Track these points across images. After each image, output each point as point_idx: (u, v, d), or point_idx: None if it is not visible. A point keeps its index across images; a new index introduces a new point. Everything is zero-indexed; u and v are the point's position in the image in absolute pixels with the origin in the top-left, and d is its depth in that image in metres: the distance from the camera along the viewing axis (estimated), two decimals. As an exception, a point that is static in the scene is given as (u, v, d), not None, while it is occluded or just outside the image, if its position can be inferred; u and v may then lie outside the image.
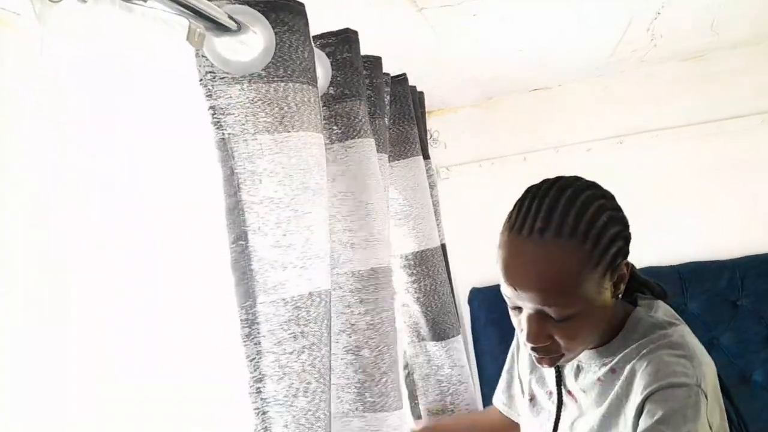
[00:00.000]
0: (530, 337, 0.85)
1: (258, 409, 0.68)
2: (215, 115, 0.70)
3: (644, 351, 0.87)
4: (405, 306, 1.34)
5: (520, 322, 0.87)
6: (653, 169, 2.14)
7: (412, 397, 1.42)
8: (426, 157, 1.50)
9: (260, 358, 0.67)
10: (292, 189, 0.76)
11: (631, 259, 0.94)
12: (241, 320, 0.66)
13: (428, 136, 1.70)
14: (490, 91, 2.23)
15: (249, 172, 0.72)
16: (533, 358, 0.89)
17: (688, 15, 1.49)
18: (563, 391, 1.00)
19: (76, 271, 0.78)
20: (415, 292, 1.28)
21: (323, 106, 0.94)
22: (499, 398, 1.28)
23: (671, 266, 2.05)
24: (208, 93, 0.69)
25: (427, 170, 1.44)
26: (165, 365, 0.88)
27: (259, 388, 0.68)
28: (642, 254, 1.25)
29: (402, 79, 1.38)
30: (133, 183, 0.86)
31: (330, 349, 0.78)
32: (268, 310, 0.71)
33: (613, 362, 0.91)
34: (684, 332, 0.90)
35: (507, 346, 1.56)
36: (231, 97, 0.73)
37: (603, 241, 0.83)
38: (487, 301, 1.97)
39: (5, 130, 0.69)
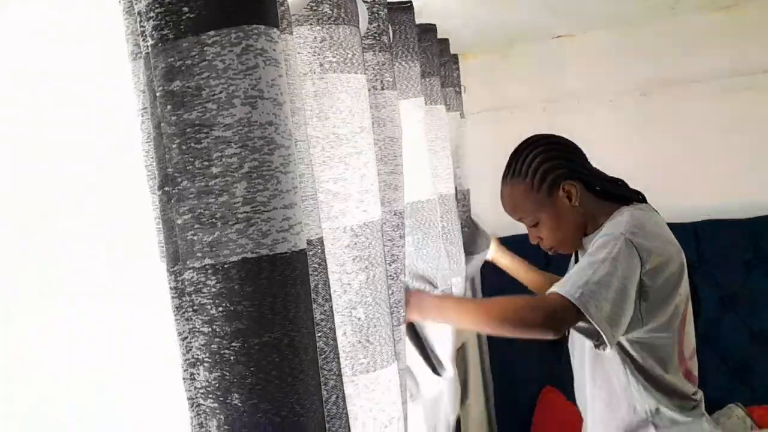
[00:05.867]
0: (530, 237, 1.45)
1: (321, 319, 0.82)
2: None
3: (608, 224, 1.34)
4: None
5: (529, 235, 1.45)
6: (677, 124, 2.26)
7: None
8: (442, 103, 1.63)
9: (327, 274, 0.81)
10: (353, 127, 0.91)
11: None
12: (306, 241, 0.75)
13: (455, 86, 1.80)
14: (512, 37, 2.33)
15: (316, 109, 0.88)
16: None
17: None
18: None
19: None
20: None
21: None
22: None
23: (687, 223, 2.22)
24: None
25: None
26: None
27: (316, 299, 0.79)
28: (657, 208, 1.43)
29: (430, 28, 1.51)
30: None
31: (386, 270, 0.96)
32: (331, 235, 0.88)
33: (596, 236, 1.35)
34: (634, 213, 1.34)
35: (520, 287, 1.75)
36: (300, 36, 0.88)
37: (535, 175, 1.38)
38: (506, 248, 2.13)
39: None
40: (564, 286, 1.22)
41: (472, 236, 1.79)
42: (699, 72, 2.22)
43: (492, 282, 2.24)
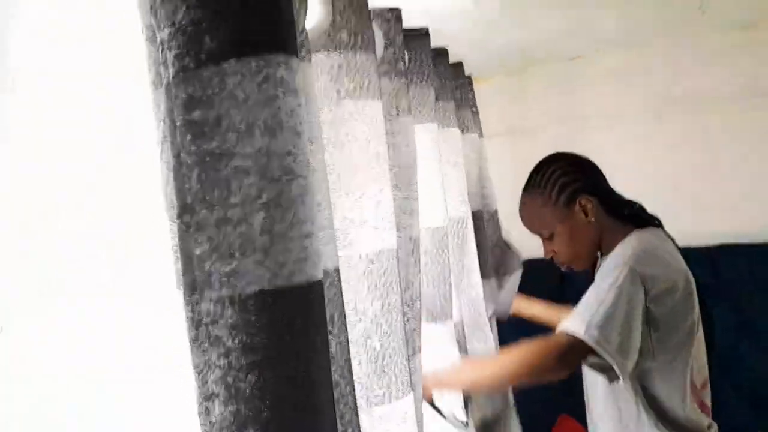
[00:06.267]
0: (544, 250, 1.49)
1: (336, 351, 0.81)
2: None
3: (617, 249, 1.36)
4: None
5: (544, 248, 1.49)
6: (693, 144, 2.23)
7: None
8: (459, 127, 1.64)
9: (342, 304, 0.81)
10: (369, 155, 0.91)
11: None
12: (323, 271, 0.75)
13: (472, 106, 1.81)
14: (526, 60, 2.34)
15: (333, 136, 0.88)
16: None
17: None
18: None
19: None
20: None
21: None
22: None
23: (703, 247, 2.19)
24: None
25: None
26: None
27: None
28: (673, 231, 1.42)
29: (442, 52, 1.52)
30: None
31: (402, 298, 0.95)
32: (347, 263, 0.88)
33: (607, 258, 1.38)
34: (643, 237, 1.36)
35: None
36: (317, 63, 0.88)
37: (554, 188, 1.42)
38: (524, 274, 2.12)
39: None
40: (571, 323, 1.23)
41: (503, 256, 1.79)
42: (715, 92, 2.20)
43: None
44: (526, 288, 1.99)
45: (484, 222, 1.68)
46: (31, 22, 0.85)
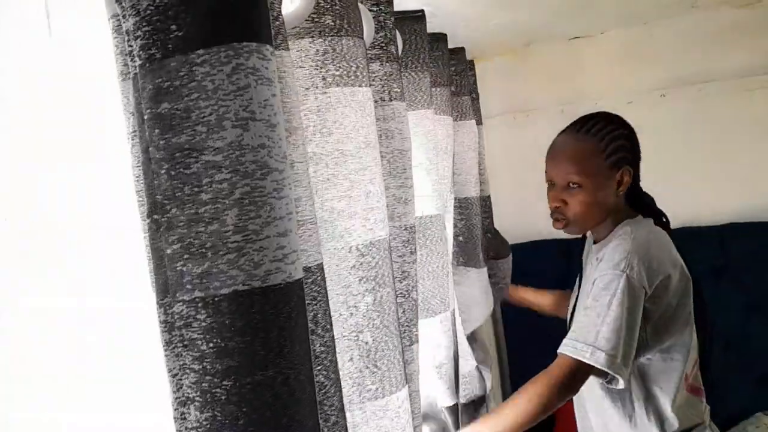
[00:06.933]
0: (550, 199, 1.38)
1: (321, 351, 0.79)
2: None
3: (612, 243, 1.31)
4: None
5: (549, 197, 1.39)
6: (699, 124, 2.19)
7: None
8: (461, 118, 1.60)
9: (327, 303, 0.78)
10: (358, 142, 0.87)
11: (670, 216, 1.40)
12: (304, 269, 0.71)
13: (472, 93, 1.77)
14: (528, 39, 2.29)
15: (319, 124, 0.84)
16: (552, 222, 1.39)
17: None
18: (582, 275, 1.48)
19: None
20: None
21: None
22: None
23: (712, 226, 2.15)
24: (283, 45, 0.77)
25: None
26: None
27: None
28: (682, 212, 1.39)
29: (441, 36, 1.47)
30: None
31: (394, 290, 0.92)
32: (336, 256, 0.85)
33: (600, 253, 1.35)
34: (637, 234, 1.30)
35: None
36: (301, 50, 0.84)
37: (610, 144, 1.33)
38: (516, 259, 2.09)
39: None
40: (574, 346, 1.20)
41: (494, 241, 1.76)
42: (721, 70, 2.16)
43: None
44: (530, 269, 1.96)
45: (480, 209, 1.65)
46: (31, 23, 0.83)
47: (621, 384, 1.20)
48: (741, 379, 2.07)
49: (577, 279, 1.51)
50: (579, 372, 1.19)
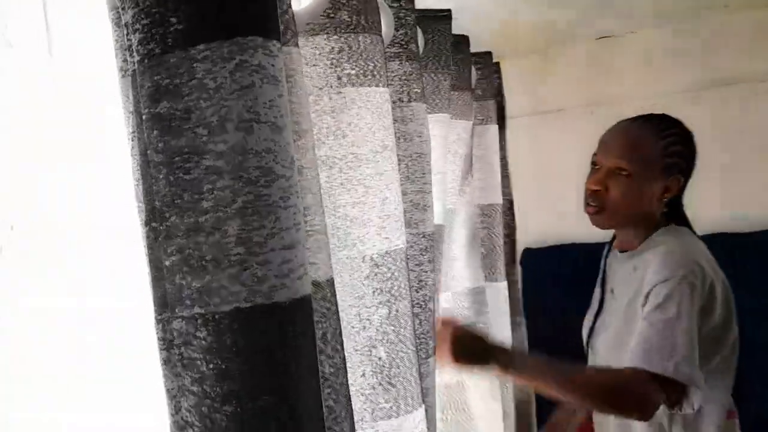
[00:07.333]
0: (591, 180, 1.29)
1: (330, 373, 0.74)
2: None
3: (655, 251, 1.25)
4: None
5: (590, 180, 1.30)
6: (731, 126, 2.11)
7: None
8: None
9: (338, 320, 0.73)
10: (373, 146, 0.82)
11: (700, 219, 1.36)
12: (312, 284, 0.66)
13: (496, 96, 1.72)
14: (554, 39, 2.23)
15: (333, 126, 0.79)
16: (584, 206, 1.31)
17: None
18: (606, 289, 1.39)
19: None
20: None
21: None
22: None
23: (747, 233, 2.06)
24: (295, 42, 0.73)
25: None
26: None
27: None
28: (711, 217, 1.32)
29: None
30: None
31: (411, 303, 0.87)
32: (349, 266, 0.80)
33: (636, 261, 1.28)
34: (686, 238, 1.27)
35: (558, 304, 1.65)
36: (315, 47, 0.80)
37: (671, 147, 1.27)
38: (539, 262, 2.04)
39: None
40: (649, 358, 1.11)
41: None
42: (753, 72, 2.08)
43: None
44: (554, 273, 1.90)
45: (501, 215, 1.59)
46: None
47: (695, 405, 1.12)
48: (756, 386, 1.98)
49: (598, 290, 1.43)
50: (655, 389, 1.10)
